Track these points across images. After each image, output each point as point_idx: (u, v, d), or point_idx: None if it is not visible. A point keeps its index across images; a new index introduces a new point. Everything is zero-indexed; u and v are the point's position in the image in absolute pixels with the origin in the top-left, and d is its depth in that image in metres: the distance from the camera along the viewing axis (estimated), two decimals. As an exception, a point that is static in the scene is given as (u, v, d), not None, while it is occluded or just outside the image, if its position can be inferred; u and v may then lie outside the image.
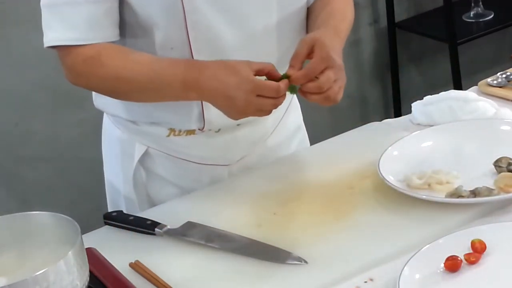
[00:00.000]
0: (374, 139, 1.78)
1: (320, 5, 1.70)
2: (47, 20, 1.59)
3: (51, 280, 1.23)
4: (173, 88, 1.55)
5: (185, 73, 1.53)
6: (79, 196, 3.01)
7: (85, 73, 1.60)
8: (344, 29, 1.67)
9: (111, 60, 1.58)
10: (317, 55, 1.53)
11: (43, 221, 1.37)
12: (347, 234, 1.49)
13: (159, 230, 1.55)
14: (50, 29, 1.59)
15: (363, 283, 1.37)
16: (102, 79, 1.59)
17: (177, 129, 1.71)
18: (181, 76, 1.53)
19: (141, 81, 1.57)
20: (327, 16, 1.66)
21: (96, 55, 1.57)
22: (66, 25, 1.57)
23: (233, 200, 1.64)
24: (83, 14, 1.56)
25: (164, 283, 1.42)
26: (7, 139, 2.89)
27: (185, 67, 1.54)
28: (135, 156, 1.74)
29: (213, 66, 1.52)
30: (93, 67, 1.58)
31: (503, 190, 1.52)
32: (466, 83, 3.11)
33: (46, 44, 1.60)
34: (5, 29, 2.80)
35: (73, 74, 1.61)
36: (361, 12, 3.44)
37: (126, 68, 1.57)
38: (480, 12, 3.40)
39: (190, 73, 1.53)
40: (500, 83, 1.95)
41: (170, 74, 1.55)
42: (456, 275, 1.34)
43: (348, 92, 3.47)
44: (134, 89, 1.59)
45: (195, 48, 1.59)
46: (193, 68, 1.54)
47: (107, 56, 1.58)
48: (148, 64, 1.57)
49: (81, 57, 1.58)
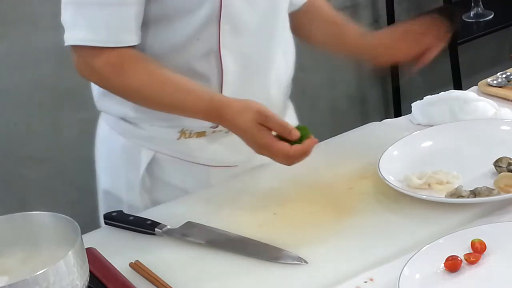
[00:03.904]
0: (374, 139, 1.78)
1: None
2: (72, 18, 1.58)
3: (51, 280, 1.23)
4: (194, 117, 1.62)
5: (207, 113, 1.57)
6: (79, 196, 3.00)
7: (105, 78, 1.60)
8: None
9: (134, 72, 1.58)
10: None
11: (43, 221, 1.37)
12: (347, 234, 1.49)
13: (159, 230, 1.55)
14: (75, 28, 1.58)
15: (363, 283, 1.37)
16: (121, 88, 1.61)
17: (189, 130, 1.71)
18: (203, 113, 1.58)
19: (163, 103, 1.60)
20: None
21: (119, 63, 1.58)
22: (92, 25, 1.56)
23: (233, 200, 1.64)
24: (110, 17, 1.56)
25: (164, 283, 1.42)
26: (7, 139, 2.89)
27: (206, 108, 1.57)
28: (142, 163, 1.74)
29: (233, 111, 1.55)
30: (114, 74, 1.59)
31: (503, 190, 1.52)
32: (466, 83, 3.11)
33: (69, 42, 1.59)
34: (5, 29, 2.80)
35: (94, 74, 1.61)
36: (361, 12, 3.44)
37: (149, 86, 1.58)
38: (480, 12, 3.40)
39: (211, 113, 1.57)
40: (500, 83, 1.95)
41: (192, 109, 1.59)
42: (456, 275, 1.34)
43: (348, 92, 3.51)
44: (153, 106, 1.63)
45: (223, 42, 1.61)
46: (214, 109, 1.56)
47: (131, 66, 1.58)
48: (173, 90, 1.59)
49: (104, 60, 1.58)
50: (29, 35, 2.70)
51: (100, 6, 1.55)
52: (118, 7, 1.55)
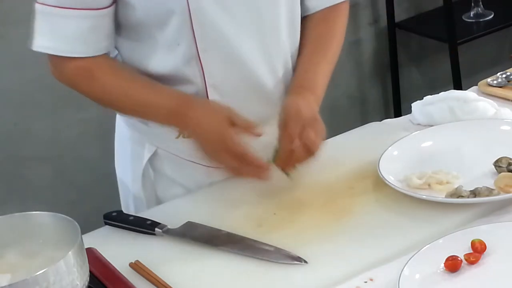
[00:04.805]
0: (374, 139, 1.78)
1: (314, 23, 1.75)
2: (39, 26, 1.61)
3: (51, 280, 1.23)
4: (157, 118, 1.64)
5: (174, 108, 1.60)
6: (79, 196, 3.00)
7: (75, 82, 1.65)
8: (328, 66, 1.73)
9: (103, 74, 1.62)
10: (289, 127, 1.58)
11: (43, 221, 1.37)
12: (347, 234, 1.49)
13: (159, 230, 1.55)
14: (41, 36, 1.61)
15: (363, 283, 1.37)
16: (91, 91, 1.65)
17: None
18: (167, 111, 1.60)
19: (131, 102, 1.63)
20: (313, 49, 1.72)
21: (88, 68, 1.62)
22: (57, 36, 1.60)
23: (233, 200, 1.64)
24: (72, 28, 1.58)
25: (164, 283, 1.42)
26: (7, 139, 2.89)
27: (174, 104, 1.60)
28: (145, 156, 1.75)
29: (197, 112, 1.58)
30: (83, 78, 1.63)
31: (503, 190, 1.52)
32: (466, 83, 3.11)
33: (35, 49, 1.63)
34: (5, 29, 2.80)
35: (64, 79, 1.66)
36: (361, 12, 3.44)
37: (118, 87, 1.63)
38: (480, 12, 3.39)
39: (179, 108, 1.60)
40: (500, 83, 1.95)
41: (158, 104, 1.61)
42: (456, 275, 1.34)
43: (348, 92, 3.51)
44: (122, 107, 1.66)
45: (201, 46, 1.60)
46: (182, 105, 1.60)
47: (99, 70, 1.62)
48: (140, 86, 1.62)
49: (71, 67, 1.62)
50: (29, 35, 2.70)
51: (62, 17, 1.58)
52: (78, 19, 1.58)
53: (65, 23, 1.58)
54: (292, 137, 1.57)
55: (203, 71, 1.63)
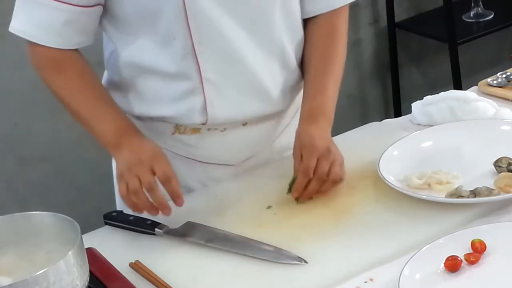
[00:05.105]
0: (374, 139, 1.78)
1: (316, 37, 1.73)
2: (18, 8, 1.65)
3: (51, 280, 1.23)
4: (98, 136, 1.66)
5: (117, 126, 1.63)
6: (79, 196, 3.00)
7: (43, 69, 1.68)
8: (335, 82, 1.72)
9: (70, 71, 1.66)
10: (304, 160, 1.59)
11: (43, 221, 1.37)
12: (347, 234, 1.49)
13: (159, 230, 1.55)
14: (18, 18, 1.66)
15: (363, 283, 1.37)
16: (53, 83, 1.68)
17: (181, 125, 1.71)
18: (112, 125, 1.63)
19: (77, 109, 1.68)
20: (319, 71, 1.71)
21: (58, 59, 1.65)
22: (32, 22, 1.63)
23: (233, 200, 1.64)
24: (47, 18, 1.61)
25: (164, 283, 1.42)
26: (7, 139, 2.89)
27: (120, 121, 1.64)
28: None
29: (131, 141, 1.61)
30: (51, 68, 1.67)
31: (503, 190, 1.52)
32: (466, 83, 3.11)
33: (10, 30, 1.68)
34: (5, 29, 2.80)
35: (33, 63, 1.69)
36: (361, 12, 3.44)
37: (76, 89, 1.66)
38: (480, 12, 3.39)
39: (122, 127, 1.63)
40: (500, 83, 1.95)
41: (105, 115, 1.65)
42: (456, 275, 1.34)
43: (348, 92, 3.50)
44: (68, 107, 1.70)
45: (197, 40, 1.60)
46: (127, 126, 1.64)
47: (68, 65, 1.66)
48: (94, 97, 1.66)
49: (42, 54, 1.65)
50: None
51: (37, 4, 1.61)
52: (50, 10, 1.60)
53: (41, 10, 1.60)
54: (308, 171, 1.58)
55: (199, 66, 1.63)
